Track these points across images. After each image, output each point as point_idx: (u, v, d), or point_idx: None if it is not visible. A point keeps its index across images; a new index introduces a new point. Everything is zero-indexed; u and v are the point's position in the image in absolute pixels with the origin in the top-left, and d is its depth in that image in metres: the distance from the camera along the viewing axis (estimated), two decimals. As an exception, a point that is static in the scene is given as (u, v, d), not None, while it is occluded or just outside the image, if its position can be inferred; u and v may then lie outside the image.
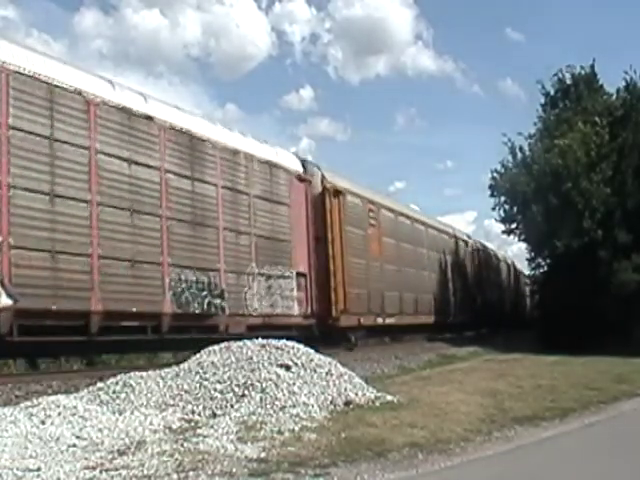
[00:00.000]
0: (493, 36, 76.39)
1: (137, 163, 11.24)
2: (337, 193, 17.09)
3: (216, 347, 8.64)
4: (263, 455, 5.57)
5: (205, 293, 12.42)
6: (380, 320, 19.04)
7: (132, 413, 6.93)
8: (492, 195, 23.45)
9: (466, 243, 29.70)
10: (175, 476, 4.91)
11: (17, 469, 4.92)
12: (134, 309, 10.81)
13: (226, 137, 13.81)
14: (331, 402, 7.59)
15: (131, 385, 7.64)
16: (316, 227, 16.30)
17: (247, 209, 13.99)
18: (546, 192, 20.69)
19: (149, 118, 11.59)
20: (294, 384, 7.67)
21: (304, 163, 16.68)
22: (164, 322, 11.53)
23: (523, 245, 25.49)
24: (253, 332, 12.49)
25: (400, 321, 20.45)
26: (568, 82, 23.71)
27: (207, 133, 13.13)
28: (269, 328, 13.60)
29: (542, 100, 24.10)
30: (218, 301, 12.71)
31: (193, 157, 12.61)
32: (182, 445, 5.82)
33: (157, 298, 11.39)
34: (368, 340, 18.39)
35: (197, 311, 12.22)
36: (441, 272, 25.50)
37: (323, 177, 16.89)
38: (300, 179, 15.99)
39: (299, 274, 15.40)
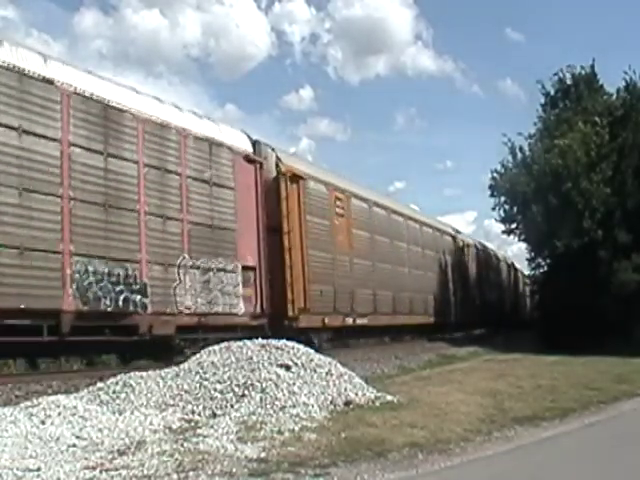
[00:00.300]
0: (493, 36, 76.63)
1: (30, 133, 9.68)
2: (296, 178, 15.22)
3: (216, 347, 8.65)
4: (263, 455, 5.58)
5: (120, 288, 10.67)
6: (350, 320, 17.16)
7: (132, 413, 6.93)
8: (492, 195, 23.48)
9: (462, 241, 28.82)
10: (175, 476, 4.91)
11: (17, 469, 4.93)
12: (22, 305, 9.22)
13: (153, 108, 12.00)
14: (331, 402, 7.59)
15: (131, 385, 7.65)
16: (269, 215, 14.39)
17: (178, 192, 12.17)
18: (546, 192, 20.69)
19: (48, 82, 10.05)
20: (294, 384, 7.68)
21: (255, 143, 14.65)
22: (64, 321, 9.83)
23: (523, 245, 25.53)
24: (186, 334, 11.90)
25: (374, 322, 18.53)
26: (568, 82, 23.72)
27: (128, 103, 11.38)
28: (207, 329, 12.36)
29: (542, 100, 24.15)
30: (138, 297, 10.98)
31: (107, 129, 10.89)
32: (182, 445, 5.82)
33: (55, 293, 9.75)
34: (333, 343, 16.32)
35: (109, 309, 10.51)
36: (430, 270, 24.17)
37: (278, 159, 14.96)
38: (248, 160, 14.04)
39: (246, 268, 13.55)
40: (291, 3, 77.54)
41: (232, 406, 7.19)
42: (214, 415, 7.03)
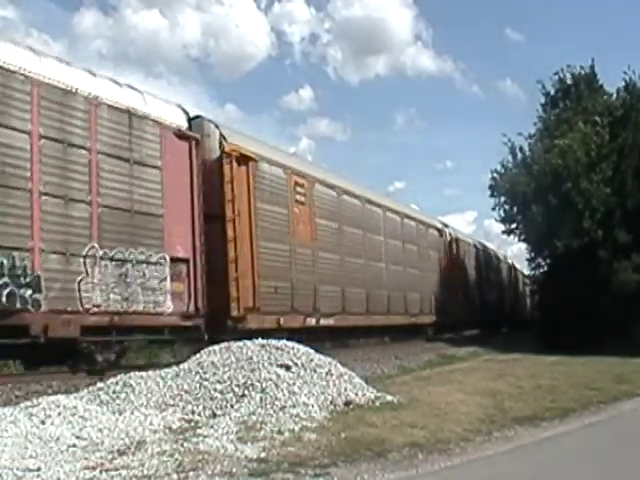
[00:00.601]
0: (493, 36, 76.67)
1: None
2: (244, 159, 13.34)
3: (216, 347, 8.65)
4: (263, 455, 5.58)
5: (4, 280, 9.02)
6: (312, 321, 15.20)
7: (132, 413, 6.93)
8: (492, 195, 23.51)
9: (450, 236, 26.66)
10: (175, 476, 4.91)
11: (17, 469, 4.93)
12: None
13: (54, 71, 10.22)
14: (331, 402, 7.59)
15: (131, 385, 7.65)
16: (210, 201, 12.53)
17: (87, 169, 10.36)
18: (546, 192, 20.69)
19: None
20: (294, 384, 7.68)
21: (193, 119, 12.81)
22: None
23: (523, 245, 25.54)
24: (96, 336, 10.23)
25: (343, 322, 16.53)
26: (568, 82, 23.73)
27: (20, 63, 9.63)
28: (123, 330, 10.64)
29: (542, 100, 24.17)
30: (28, 292, 9.27)
31: None
32: (182, 445, 5.82)
33: None
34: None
35: None
36: (412, 266, 22.11)
37: (222, 137, 13.08)
38: (181, 137, 12.16)
39: (176, 260, 11.72)
40: (291, 3, 77.75)
41: (232, 406, 7.19)
42: (214, 415, 7.03)
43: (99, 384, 7.92)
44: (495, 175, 23.29)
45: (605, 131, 21.15)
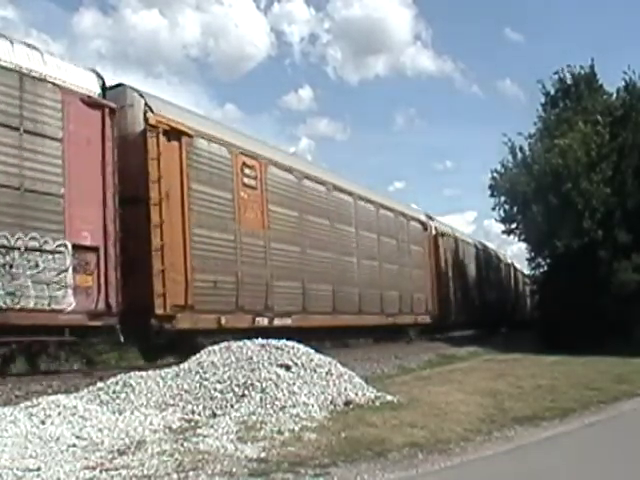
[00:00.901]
0: (492, 36, 76.64)
1: None
2: (177, 134, 11.70)
3: (216, 347, 8.64)
4: (263, 455, 5.58)
5: None
6: (263, 321, 13.43)
7: (132, 413, 6.93)
8: (492, 195, 23.46)
9: (436, 229, 24.83)
10: (175, 476, 4.91)
11: (17, 469, 4.93)
12: None
13: None
14: (331, 402, 7.59)
15: (131, 385, 7.65)
16: (131, 181, 10.85)
17: None
18: (546, 192, 20.68)
19: None
20: (294, 384, 7.67)
21: (114, 86, 11.28)
22: None
23: (523, 245, 25.50)
24: None
25: (303, 323, 14.58)
26: (568, 82, 23.72)
27: None
28: (7, 331, 9.00)
29: (542, 100, 24.14)
30: None
31: None
32: (182, 445, 5.82)
33: None
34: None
35: None
36: (390, 261, 20.23)
37: (148, 107, 11.36)
38: (92, 105, 10.44)
39: (82, 248, 10.03)
40: (290, 3, 77.75)
41: (232, 406, 7.19)
42: (214, 415, 7.03)
43: (99, 384, 7.91)
44: (495, 175, 23.28)
45: (605, 131, 21.13)
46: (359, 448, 5.82)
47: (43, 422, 6.38)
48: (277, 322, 13.82)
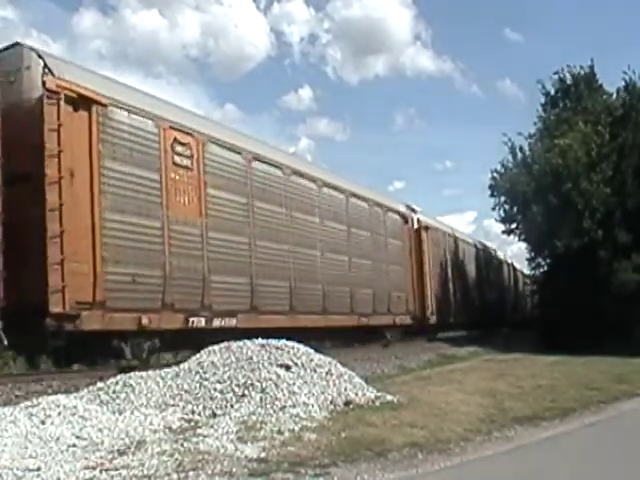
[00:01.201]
0: (492, 36, 76.63)
1: None
2: (86, 101, 9.97)
3: (216, 347, 8.64)
4: (263, 455, 5.57)
5: None
6: (200, 321, 11.74)
7: (132, 413, 6.93)
8: (492, 195, 23.47)
9: (418, 222, 22.92)
10: (175, 476, 4.91)
11: (17, 469, 4.92)
12: None
13: None
14: (331, 402, 7.59)
15: (131, 385, 7.64)
16: (25, 155, 9.31)
17: None
18: (546, 192, 20.68)
19: None
20: (294, 384, 7.67)
21: (9, 47, 10.05)
22: None
23: (523, 245, 25.51)
24: None
25: (251, 323, 12.81)
26: (568, 82, 23.72)
27: None
28: None
29: (542, 100, 24.13)
30: None
31: None
32: (182, 445, 5.82)
33: None
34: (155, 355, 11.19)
35: None
36: (364, 256, 18.47)
37: (47, 69, 9.70)
38: None
39: None
40: (290, 3, 77.88)
41: (232, 406, 7.19)
42: (214, 415, 7.03)
43: (99, 384, 7.91)
44: (495, 175, 23.29)
45: (605, 131, 21.13)
46: (359, 448, 5.82)
47: (43, 422, 6.38)
48: (217, 323, 12.16)
